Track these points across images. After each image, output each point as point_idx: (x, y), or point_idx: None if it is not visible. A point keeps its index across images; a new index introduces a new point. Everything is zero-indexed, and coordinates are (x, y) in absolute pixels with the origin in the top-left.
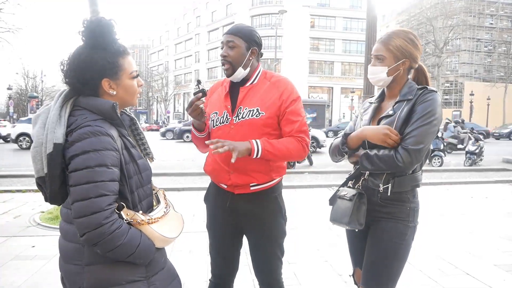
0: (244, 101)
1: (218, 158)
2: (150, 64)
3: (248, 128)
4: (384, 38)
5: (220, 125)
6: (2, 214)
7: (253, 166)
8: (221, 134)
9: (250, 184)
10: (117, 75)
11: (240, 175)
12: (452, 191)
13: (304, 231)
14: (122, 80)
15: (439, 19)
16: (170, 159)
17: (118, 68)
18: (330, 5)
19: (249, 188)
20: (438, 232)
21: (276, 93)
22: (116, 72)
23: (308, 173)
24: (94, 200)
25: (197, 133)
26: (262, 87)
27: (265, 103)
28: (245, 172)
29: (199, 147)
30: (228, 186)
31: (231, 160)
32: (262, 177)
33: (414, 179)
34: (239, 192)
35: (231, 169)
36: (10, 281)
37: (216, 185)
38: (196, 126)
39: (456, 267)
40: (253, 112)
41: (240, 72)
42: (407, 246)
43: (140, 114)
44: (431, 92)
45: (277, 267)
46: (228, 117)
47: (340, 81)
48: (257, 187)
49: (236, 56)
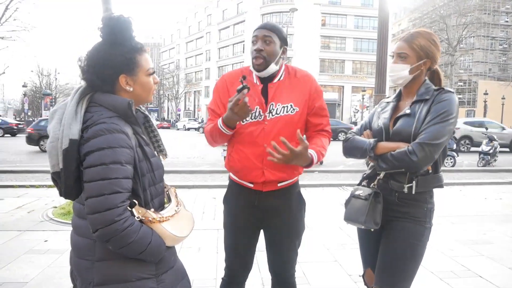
0: (276, 97)
1: (251, 155)
2: (161, 62)
3: (283, 124)
4: (408, 37)
5: (251, 120)
6: (17, 209)
7: None
8: (253, 131)
9: (279, 180)
10: (134, 72)
11: (274, 171)
12: (465, 192)
13: (314, 230)
14: (139, 76)
15: (452, 16)
16: (181, 155)
17: (135, 64)
18: (341, 3)
19: (277, 185)
20: (450, 233)
21: (306, 88)
22: (133, 68)
23: (318, 172)
24: (108, 197)
25: (227, 130)
26: (290, 82)
27: (297, 98)
28: (279, 168)
29: (215, 142)
30: (256, 184)
31: (267, 158)
32: (292, 172)
33: (438, 179)
34: (267, 189)
35: (265, 165)
36: (23, 274)
37: (239, 185)
38: (230, 124)
39: (468, 269)
40: (288, 108)
41: (272, 68)
42: (423, 247)
43: (151, 112)
44: (448, 93)
45: (294, 261)
46: (261, 113)
47: (351, 79)
48: (283, 183)
49: (271, 51)
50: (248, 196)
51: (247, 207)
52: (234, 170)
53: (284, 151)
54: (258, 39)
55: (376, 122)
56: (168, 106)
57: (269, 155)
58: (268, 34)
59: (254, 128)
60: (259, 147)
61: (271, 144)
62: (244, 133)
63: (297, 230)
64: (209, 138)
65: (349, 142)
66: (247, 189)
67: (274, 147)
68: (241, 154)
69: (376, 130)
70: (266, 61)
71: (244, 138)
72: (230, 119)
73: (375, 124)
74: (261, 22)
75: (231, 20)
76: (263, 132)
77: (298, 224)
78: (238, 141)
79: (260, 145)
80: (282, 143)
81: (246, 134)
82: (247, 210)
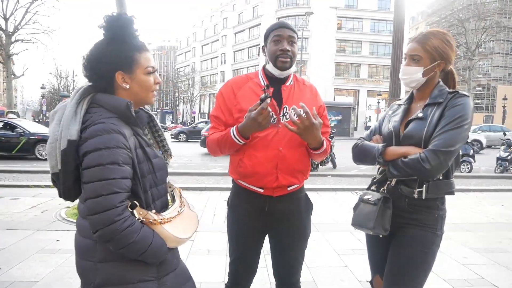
0: (289, 100)
1: (265, 160)
2: (177, 65)
3: None
4: (421, 38)
5: None
6: (31, 208)
7: (300, 166)
8: (267, 134)
9: (289, 185)
10: (131, 69)
11: (287, 176)
12: (481, 198)
13: (325, 234)
14: (136, 74)
15: (471, 20)
16: (194, 157)
17: (133, 62)
18: (357, 7)
19: (287, 189)
20: (465, 240)
21: (314, 97)
22: (130, 65)
23: (331, 176)
24: (106, 197)
25: (241, 140)
26: (299, 88)
27: (308, 103)
28: (292, 173)
29: (221, 152)
30: (266, 190)
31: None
32: (302, 177)
33: (449, 185)
34: (277, 194)
35: (279, 170)
36: (35, 273)
37: (248, 190)
38: (247, 133)
39: (482, 277)
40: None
41: (292, 69)
42: (433, 255)
43: (167, 114)
44: (463, 97)
45: (300, 266)
46: (274, 116)
47: (367, 83)
48: (292, 187)
49: (295, 52)
50: (258, 201)
51: (256, 212)
52: (245, 175)
53: (303, 117)
54: (283, 39)
55: (386, 126)
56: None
57: (283, 159)
58: (292, 35)
59: (268, 132)
60: (273, 150)
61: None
62: (257, 138)
63: (305, 234)
64: (214, 147)
65: (358, 148)
66: (257, 195)
67: (293, 109)
68: (254, 159)
69: (386, 134)
70: (291, 61)
71: (258, 143)
72: (249, 128)
73: (386, 128)
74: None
75: (247, 24)
76: (277, 135)
77: (307, 228)
78: (250, 146)
79: (274, 149)
80: (301, 107)
81: (260, 139)
82: (255, 216)
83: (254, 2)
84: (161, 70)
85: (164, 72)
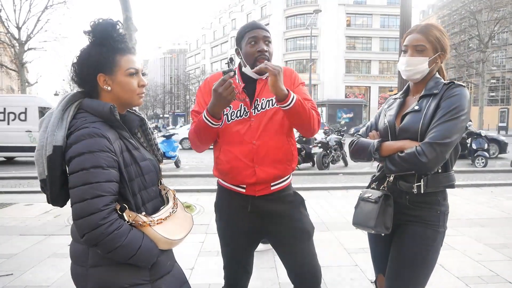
0: (261, 93)
1: (240, 154)
2: (187, 67)
3: (269, 118)
4: (423, 29)
5: (237, 119)
6: (44, 214)
7: (278, 155)
8: (241, 128)
9: (272, 183)
10: (112, 71)
11: (265, 168)
12: (497, 193)
13: (337, 233)
14: (117, 76)
15: (483, 12)
16: (205, 159)
17: (113, 64)
18: (366, 3)
19: (270, 188)
20: (479, 236)
21: (287, 78)
22: (111, 67)
23: (342, 174)
24: (90, 201)
25: (213, 121)
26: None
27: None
28: (271, 164)
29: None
30: (248, 189)
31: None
32: (283, 167)
33: (449, 178)
34: (260, 194)
35: (256, 163)
36: (46, 277)
37: (230, 191)
38: (216, 111)
39: (497, 274)
40: (273, 102)
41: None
42: (435, 252)
43: (178, 117)
44: (459, 87)
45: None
46: (246, 110)
47: (378, 80)
48: (277, 186)
49: (272, 52)
50: (240, 202)
51: (239, 213)
52: (223, 173)
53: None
54: (259, 40)
55: (382, 121)
56: None
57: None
58: (267, 35)
59: (240, 126)
60: (247, 144)
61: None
62: (230, 132)
63: (305, 230)
64: (194, 138)
65: (354, 146)
66: (239, 195)
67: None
68: (229, 155)
69: (382, 129)
70: (268, 61)
71: (231, 138)
72: (215, 104)
73: (381, 123)
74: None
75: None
76: (250, 129)
77: (304, 223)
78: (225, 142)
79: (248, 143)
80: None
81: (233, 133)
82: (240, 216)
83: (262, 2)
84: (172, 73)
85: (175, 75)
